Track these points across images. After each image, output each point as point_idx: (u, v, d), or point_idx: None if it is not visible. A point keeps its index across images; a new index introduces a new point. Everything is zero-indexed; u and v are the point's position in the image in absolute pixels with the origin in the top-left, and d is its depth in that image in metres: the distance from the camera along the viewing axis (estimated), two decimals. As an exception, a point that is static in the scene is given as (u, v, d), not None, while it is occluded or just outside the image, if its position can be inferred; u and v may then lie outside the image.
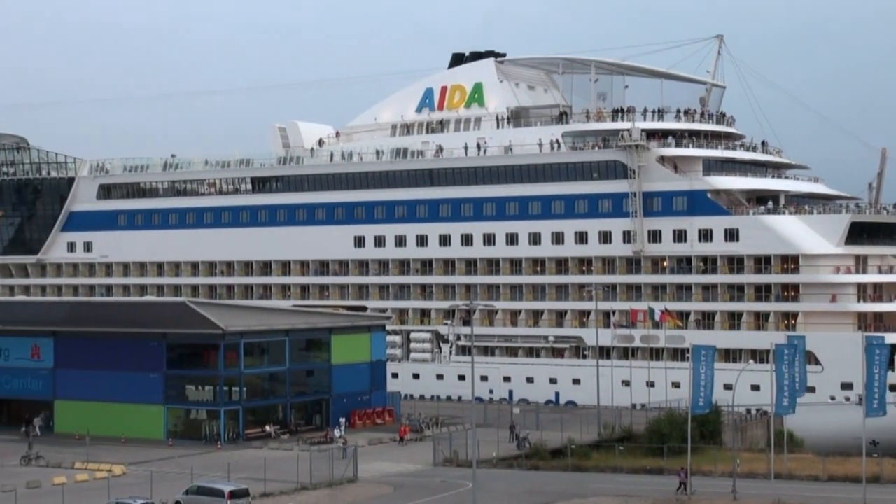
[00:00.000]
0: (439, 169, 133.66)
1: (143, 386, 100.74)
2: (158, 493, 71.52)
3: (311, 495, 75.62)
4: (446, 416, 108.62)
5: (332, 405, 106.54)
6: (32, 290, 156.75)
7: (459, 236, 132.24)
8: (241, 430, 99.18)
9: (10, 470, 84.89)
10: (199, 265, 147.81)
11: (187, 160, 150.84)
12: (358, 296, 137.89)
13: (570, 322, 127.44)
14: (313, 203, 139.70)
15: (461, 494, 74.62)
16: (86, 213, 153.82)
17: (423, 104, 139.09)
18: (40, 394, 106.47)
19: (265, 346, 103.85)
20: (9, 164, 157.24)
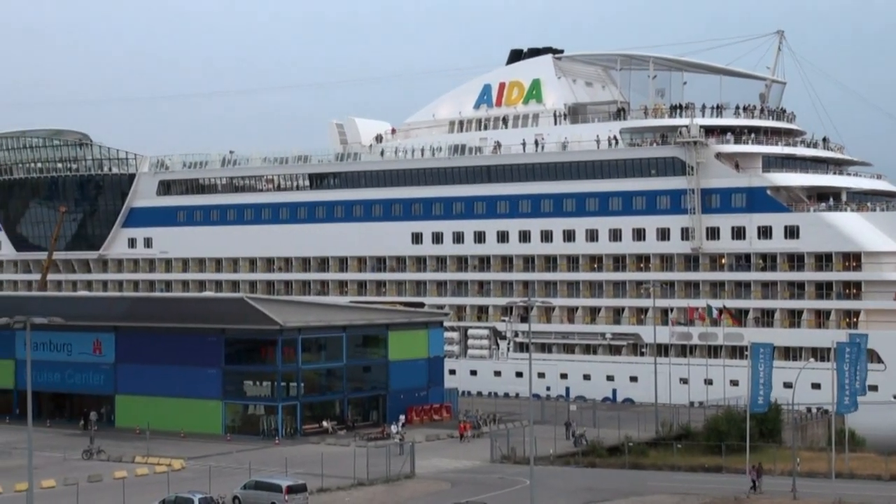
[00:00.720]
0: (497, 165, 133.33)
1: (202, 381, 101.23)
2: (217, 487, 71.89)
3: (367, 491, 75.68)
4: (503, 413, 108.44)
5: (388, 401, 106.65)
6: (94, 286, 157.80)
7: (517, 233, 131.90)
8: (299, 426, 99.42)
9: (72, 464, 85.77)
10: (257, 261, 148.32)
11: (245, 156, 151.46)
12: (415, 292, 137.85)
13: (627, 319, 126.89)
14: (371, 199, 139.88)
15: (518, 491, 74.40)
16: (146, 209, 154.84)
17: (482, 100, 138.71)
18: (101, 388, 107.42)
19: (322, 342, 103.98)
20: (71, 161, 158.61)
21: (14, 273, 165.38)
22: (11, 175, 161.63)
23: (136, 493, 71.67)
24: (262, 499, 69.60)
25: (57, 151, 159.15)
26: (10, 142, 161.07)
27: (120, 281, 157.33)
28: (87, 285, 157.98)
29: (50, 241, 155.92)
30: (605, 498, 73.38)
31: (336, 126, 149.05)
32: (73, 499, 68.02)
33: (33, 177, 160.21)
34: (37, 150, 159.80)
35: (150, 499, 69.37)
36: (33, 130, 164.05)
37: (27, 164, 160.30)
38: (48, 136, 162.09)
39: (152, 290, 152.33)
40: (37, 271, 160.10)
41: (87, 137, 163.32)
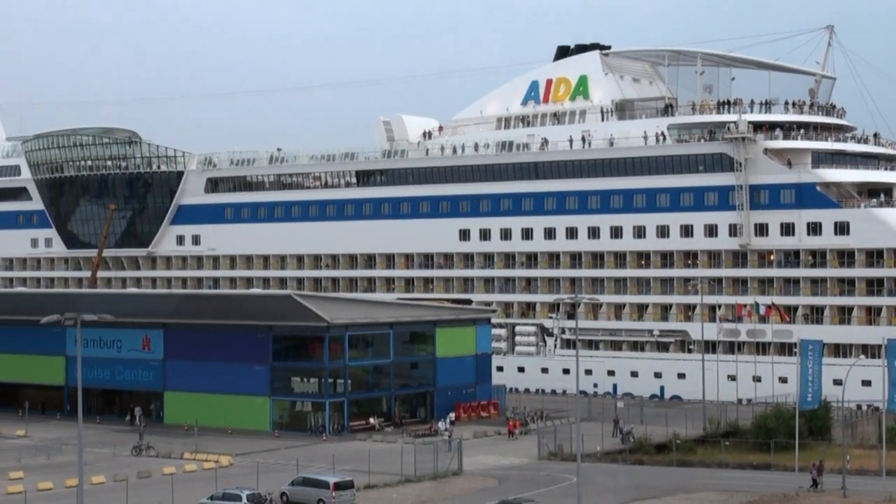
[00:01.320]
0: (544, 162, 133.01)
1: (250, 377, 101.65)
2: (264, 483, 72.15)
3: (415, 488, 75.73)
4: (551, 410, 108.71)
5: (436, 398, 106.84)
6: (143, 283, 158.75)
7: (564, 229, 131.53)
8: (346, 422, 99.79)
9: (122, 460, 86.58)
10: (305, 258, 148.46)
11: (293, 154, 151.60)
12: (463, 289, 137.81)
13: (675, 316, 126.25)
14: (418, 196, 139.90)
15: (566, 488, 74.32)
16: (194, 206, 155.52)
17: (529, 97, 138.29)
18: (150, 385, 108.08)
19: (370, 339, 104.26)
20: (121, 159, 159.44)
21: (65, 270, 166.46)
22: (62, 173, 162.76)
23: (185, 489, 71.80)
24: (309, 495, 69.74)
25: (106, 149, 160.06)
26: (60, 140, 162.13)
27: (168, 278, 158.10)
28: (136, 282, 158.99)
29: (100, 239, 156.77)
30: (652, 495, 73.15)
31: (383, 123, 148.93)
32: (122, 494, 68.49)
33: (83, 175, 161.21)
34: (87, 148, 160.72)
35: (199, 495, 69.61)
36: (83, 129, 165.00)
37: (77, 162, 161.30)
38: (98, 134, 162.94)
39: (200, 287, 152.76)
40: (87, 268, 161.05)
41: (137, 135, 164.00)
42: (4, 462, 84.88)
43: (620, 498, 72.65)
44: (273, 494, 69.92)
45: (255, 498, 67.55)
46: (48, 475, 78.66)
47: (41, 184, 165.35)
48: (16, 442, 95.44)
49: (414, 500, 72.40)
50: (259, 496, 68.00)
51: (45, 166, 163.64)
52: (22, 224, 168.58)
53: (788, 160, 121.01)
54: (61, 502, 69.75)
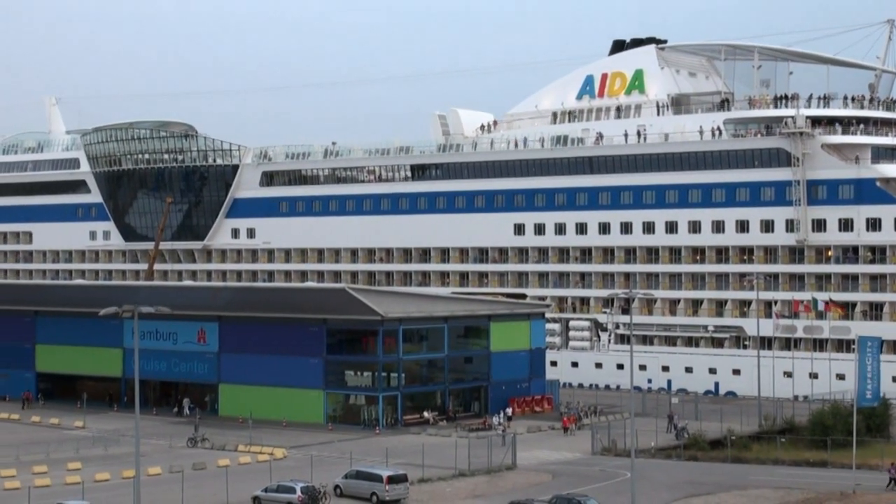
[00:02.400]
0: (599, 156, 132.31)
1: (304, 371, 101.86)
2: (318, 476, 72.17)
3: (469, 482, 75.68)
4: (605, 405, 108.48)
5: (490, 392, 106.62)
6: (199, 276, 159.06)
7: (619, 224, 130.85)
8: (400, 416, 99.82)
9: (177, 451, 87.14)
10: (359, 252, 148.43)
11: (348, 148, 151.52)
12: (517, 283, 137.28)
13: (730, 312, 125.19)
14: (473, 190, 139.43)
15: (619, 484, 74.03)
16: (249, 199, 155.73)
17: (584, 91, 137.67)
18: (206, 377, 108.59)
19: (424, 333, 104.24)
20: (177, 152, 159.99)
21: (122, 263, 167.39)
22: (120, 166, 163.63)
23: (239, 481, 72.33)
24: (363, 488, 69.98)
25: (163, 143, 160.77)
26: (118, 133, 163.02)
27: (223, 271, 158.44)
28: (191, 275, 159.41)
29: (156, 232, 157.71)
30: (706, 491, 72.77)
31: (438, 117, 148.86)
32: (177, 486, 68.58)
33: (141, 168, 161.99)
34: (144, 142, 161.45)
35: (253, 487, 69.95)
36: (140, 122, 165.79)
37: (135, 155, 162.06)
38: (155, 127, 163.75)
39: (255, 281, 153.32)
40: (144, 261, 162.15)
41: (193, 129, 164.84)
42: (62, 453, 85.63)
43: (674, 494, 72.39)
44: (327, 487, 69.90)
45: (309, 491, 67.62)
46: (105, 466, 79.40)
47: (99, 177, 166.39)
48: (74, 433, 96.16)
49: (467, 494, 72.40)
50: (313, 489, 68.05)
51: (104, 159, 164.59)
52: (81, 217, 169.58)
53: (856, 156, 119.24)
54: (118, 493, 70.01)
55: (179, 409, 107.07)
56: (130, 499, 60.50)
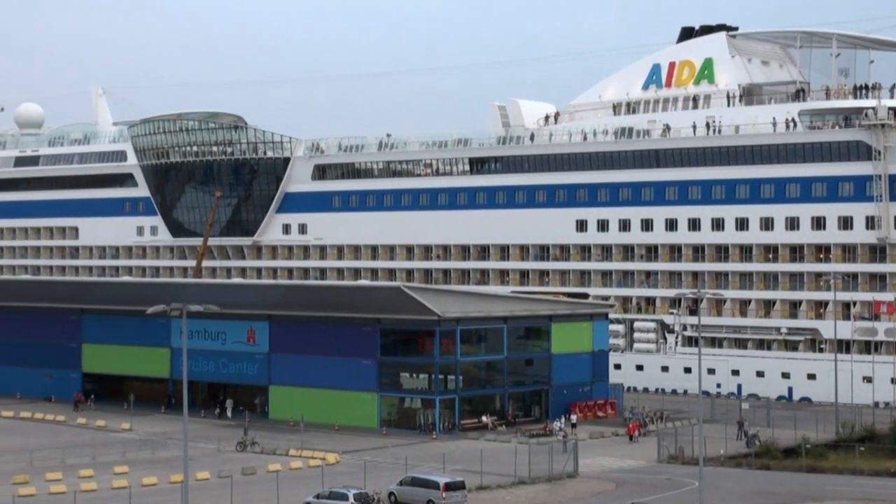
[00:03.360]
0: (666, 149, 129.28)
1: (357, 372, 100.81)
2: (372, 483, 71.47)
3: (529, 490, 74.40)
4: (671, 411, 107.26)
5: (551, 396, 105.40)
6: (248, 273, 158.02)
7: (686, 221, 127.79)
8: (457, 420, 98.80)
9: (226, 455, 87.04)
10: (415, 248, 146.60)
11: (403, 140, 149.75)
12: (579, 282, 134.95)
13: (804, 313, 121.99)
14: (533, 185, 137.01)
15: (687, 493, 72.51)
16: (301, 194, 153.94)
17: (650, 81, 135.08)
18: (255, 378, 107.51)
19: (482, 334, 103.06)
20: (226, 144, 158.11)
21: (170, 259, 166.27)
22: (168, 159, 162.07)
23: (290, 486, 71.26)
24: (418, 495, 69.36)
25: (212, 135, 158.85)
26: (166, 125, 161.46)
27: (274, 268, 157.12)
28: (240, 272, 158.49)
29: (205, 227, 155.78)
30: (779, 502, 71.33)
31: (498, 108, 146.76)
32: (226, 491, 68.70)
33: (189, 160, 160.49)
34: (193, 134, 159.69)
35: (304, 493, 69.20)
36: (189, 113, 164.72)
37: (183, 147, 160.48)
38: (204, 118, 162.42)
39: (306, 278, 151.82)
40: (192, 257, 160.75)
41: (242, 120, 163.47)
42: (109, 456, 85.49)
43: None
44: (381, 494, 69.43)
45: (363, 497, 67.26)
46: (152, 470, 79.83)
47: (147, 170, 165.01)
48: (120, 436, 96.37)
49: (528, 502, 71.38)
50: (366, 496, 67.68)
51: (151, 152, 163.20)
52: (128, 211, 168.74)
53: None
54: (165, 498, 69.74)
55: (222, 411, 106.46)
56: None
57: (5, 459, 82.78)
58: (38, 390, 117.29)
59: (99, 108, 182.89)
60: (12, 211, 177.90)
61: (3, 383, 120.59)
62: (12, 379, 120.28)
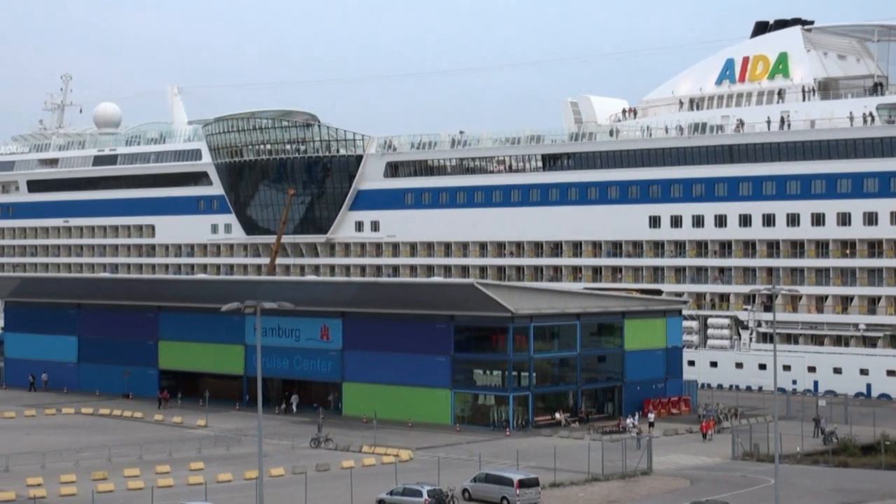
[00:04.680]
0: (740, 144, 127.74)
1: (431, 369, 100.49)
2: (446, 479, 71.27)
3: (602, 487, 74.06)
4: (746, 408, 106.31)
5: (624, 393, 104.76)
6: (321, 270, 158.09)
7: (761, 216, 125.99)
8: (531, 417, 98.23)
9: (300, 452, 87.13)
10: (488, 245, 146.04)
11: (476, 137, 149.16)
12: (652, 279, 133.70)
13: (884, 309, 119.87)
14: (606, 181, 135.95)
15: (762, 491, 71.77)
16: (373, 191, 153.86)
17: (724, 76, 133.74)
18: (329, 375, 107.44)
19: (555, 330, 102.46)
20: (299, 142, 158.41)
21: (244, 257, 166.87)
22: (241, 157, 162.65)
23: (364, 483, 71.45)
24: (492, 492, 69.17)
25: (285, 133, 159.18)
26: (240, 123, 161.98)
27: (347, 265, 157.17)
28: (314, 269, 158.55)
29: (279, 225, 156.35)
30: (857, 500, 70.53)
31: (570, 104, 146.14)
32: (300, 487, 68.30)
33: (262, 158, 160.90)
34: (266, 132, 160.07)
35: (378, 489, 69.22)
36: (262, 111, 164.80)
37: (256, 145, 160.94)
38: (277, 116, 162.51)
39: (379, 275, 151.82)
40: (265, 255, 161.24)
41: (315, 118, 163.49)
42: (185, 452, 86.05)
43: (822, 502, 70.20)
44: (454, 491, 69.02)
45: (437, 494, 67.20)
46: (227, 467, 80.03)
47: (221, 168, 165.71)
48: (196, 432, 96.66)
49: (601, 499, 70.86)
50: (440, 492, 67.55)
51: (225, 150, 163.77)
52: (203, 209, 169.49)
53: None
54: (241, 494, 70.17)
55: (287, 406, 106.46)
56: (253, 500, 60.77)
57: (85, 456, 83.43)
58: (117, 387, 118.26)
59: (174, 108, 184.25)
60: (91, 210, 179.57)
61: (84, 380, 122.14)
62: (92, 376, 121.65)
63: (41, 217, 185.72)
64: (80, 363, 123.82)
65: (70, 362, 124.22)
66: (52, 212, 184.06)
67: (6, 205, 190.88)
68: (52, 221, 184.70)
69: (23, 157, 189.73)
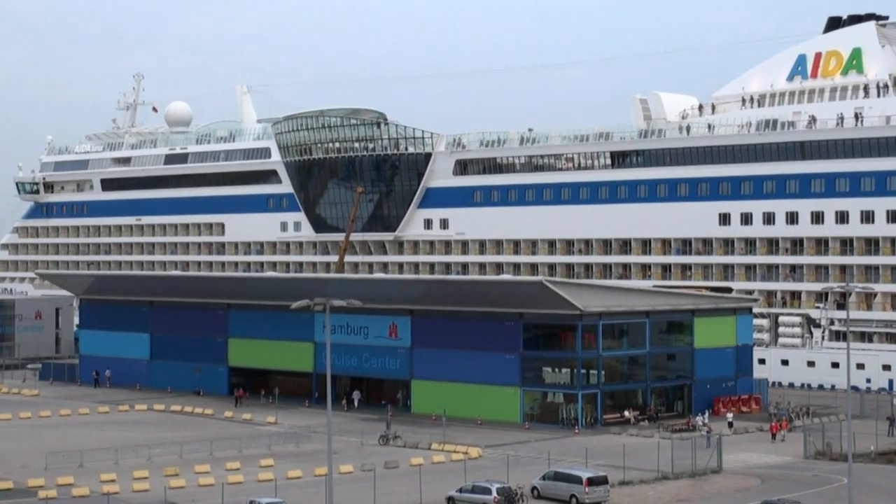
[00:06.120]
0: (812, 141, 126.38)
1: (499, 367, 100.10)
2: (515, 477, 70.92)
3: (672, 485, 73.67)
4: (818, 406, 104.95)
5: (694, 391, 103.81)
6: (390, 268, 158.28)
7: (833, 213, 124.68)
8: (599, 415, 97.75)
9: (369, 449, 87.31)
10: (556, 243, 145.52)
11: (545, 134, 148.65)
12: (722, 276, 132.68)
13: None
14: (676, 178, 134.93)
15: (835, 490, 71.29)
16: (442, 189, 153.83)
17: (795, 72, 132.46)
18: (398, 373, 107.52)
19: (624, 328, 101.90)
20: (368, 140, 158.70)
21: (313, 254, 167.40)
22: (310, 155, 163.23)
23: (433, 480, 71.63)
24: (561, 490, 68.89)
25: (354, 131, 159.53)
26: (309, 121, 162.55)
27: (415, 263, 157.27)
28: (382, 267, 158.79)
29: (347, 223, 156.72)
30: None
31: (639, 101, 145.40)
32: (369, 485, 68.16)
33: (331, 157, 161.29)
34: (335, 130, 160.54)
35: (447, 487, 69.32)
36: (331, 109, 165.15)
37: (325, 144, 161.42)
38: (345, 115, 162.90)
39: (448, 273, 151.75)
40: (334, 253, 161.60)
41: (384, 116, 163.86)
42: (255, 449, 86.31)
43: None
44: (524, 489, 68.82)
45: (506, 492, 66.94)
46: (297, 463, 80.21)
47: (290, 166, 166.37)
48: (266, 429, 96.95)
49: (671, 498, 70.46)
50: (509, 490, 67.27)
51: (294, 148, 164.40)
52: (272, 208, 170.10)
53: None
54: (310, 491, 70.23)
55: (348, 402, 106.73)
56: (323, 497, 60.73)
57: (157, 452, 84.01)
58: (188, 384, 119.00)
59: (244, 106, 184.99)
60: (163, 208, 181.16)
61: (156, 377, 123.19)
62: (164, 373, 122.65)
63: (114, 215, 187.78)
64: (151, 360, 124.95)
65: (142, 359, 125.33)
66: (125, 210, 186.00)
67: (81, 203, 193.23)
68: (125, 220, 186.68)
69: (97, 156, 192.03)
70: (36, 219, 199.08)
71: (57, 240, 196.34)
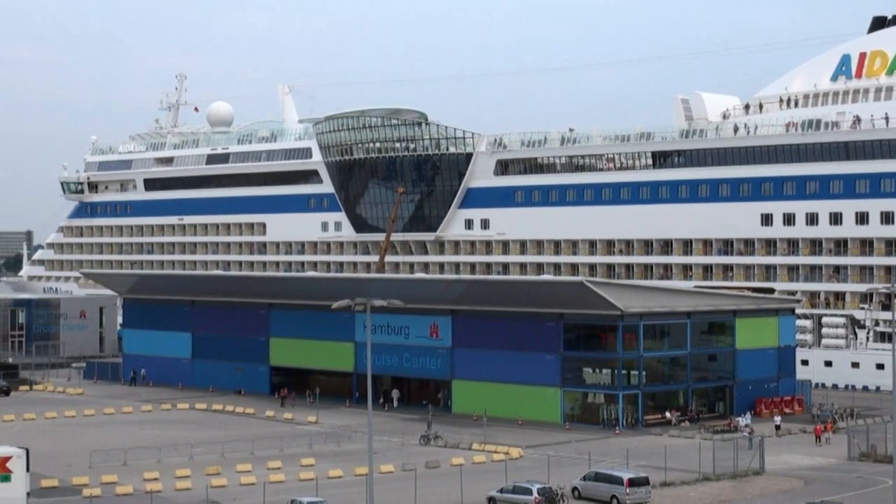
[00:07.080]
0: (856, 141, 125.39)
1: (540, 367, 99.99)
2: (555, 477, 71.05)
3: (713, 486, 73.32)
4: (862, 408, 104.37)
5: (736, 392, 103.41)
6: (431, 268, 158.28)
7: (878, 214, 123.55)
8: (640, 416, 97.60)
9: (410, 449, 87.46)
10: (597, 243, 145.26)
11: (585, 134, 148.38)
12: (764, 277, 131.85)
13: None
14: (717, 178, 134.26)
15: (880, 492, 70.93)
16: (483, 189, 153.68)
17: (839, 72, 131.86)
18: (438, 373, 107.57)
19: (665, 329, 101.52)
20: (409, 140, 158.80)
21: (353, 254, 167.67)
22: (351, 155, 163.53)
23: (474, 480, 71.27)
24: (602, 491, 68.92)
25: (395, 131, 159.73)
26: (350, 121, 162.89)
27: (456, 263, 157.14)
28: (423, 267, 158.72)
29: (388, 223, 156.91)
30: None
31: (681, 101, 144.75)
32: (410, 484, 68.71)
33: (372, 157, 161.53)
34: (375, 130, 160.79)
35: (488, 487, 69.26)
36: (372, 109, 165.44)
37: (366, 144, 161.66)
38: (386, 115, 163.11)
39: (489, 273, 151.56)
40: (375, 253, 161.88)
41: (425, 116, 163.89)
42: (296, 448, 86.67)
43: None
44: (564, 489, 68.79)
45: (547, 492, 66.94)
46: (338, 463, 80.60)
47: (331, 166, 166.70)
48: (307, 428, 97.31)
49: (713, 499, 70.20)
50: (550, 490, 67.31)
51: (335, 148, 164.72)
52: (313, 207, 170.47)
53: None
54: (351, 490, 70.19)
55: (386, 401, 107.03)
56: (364, 496, 60.27)
57: (199, 451, 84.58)
58: (229, 383, 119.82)
59: (285, 106, 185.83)
60: (204, 207, 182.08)
61: (198, 376, 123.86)
62: (206, 372, 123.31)
63: (157, 215, 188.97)
64: (193, 359, 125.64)
65: (184, 358, 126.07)
66: (168, 210, 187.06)
67: (124, 203, 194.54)
68: (168, 219, 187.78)
69: (140, 156, 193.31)
70: (80, 218, 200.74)
71: (101, 239, 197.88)
